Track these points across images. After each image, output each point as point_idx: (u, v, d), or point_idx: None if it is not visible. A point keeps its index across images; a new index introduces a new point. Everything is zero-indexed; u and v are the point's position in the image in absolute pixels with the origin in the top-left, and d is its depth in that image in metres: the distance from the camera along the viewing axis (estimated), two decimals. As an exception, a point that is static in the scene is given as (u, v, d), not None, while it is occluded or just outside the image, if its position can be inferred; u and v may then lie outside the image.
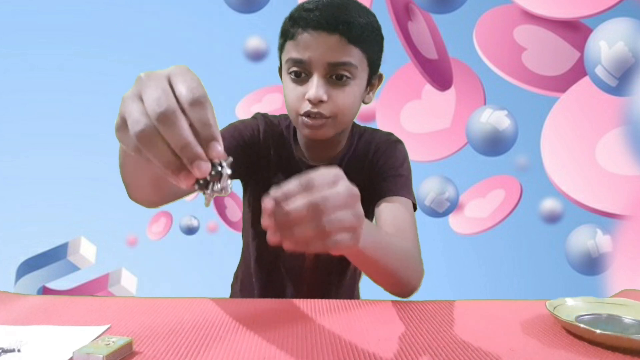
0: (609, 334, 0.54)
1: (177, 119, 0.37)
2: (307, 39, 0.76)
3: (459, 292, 4.12)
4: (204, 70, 2.54)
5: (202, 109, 0.38)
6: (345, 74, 0.77)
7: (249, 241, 0.99)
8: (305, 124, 0.79)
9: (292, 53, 0.78)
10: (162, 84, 0.38)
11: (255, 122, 0.91)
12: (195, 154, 0.38)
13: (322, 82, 0.77)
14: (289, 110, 0.83)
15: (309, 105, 0.78)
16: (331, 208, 0.44)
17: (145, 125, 0.37)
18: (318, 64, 0.76)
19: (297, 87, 0.79)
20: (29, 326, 0.60)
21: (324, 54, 0.76)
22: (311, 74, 0.78)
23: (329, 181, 0.46)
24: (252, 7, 2.44)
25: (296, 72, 0.79)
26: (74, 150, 4.76)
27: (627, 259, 1.82)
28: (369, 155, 0.92)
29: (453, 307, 0.71)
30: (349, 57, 0.77)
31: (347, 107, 0.80)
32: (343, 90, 0.78)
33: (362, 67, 0.80)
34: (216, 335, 0.58)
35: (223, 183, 0.41)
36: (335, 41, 0.75)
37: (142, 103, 0.38)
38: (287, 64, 0.80)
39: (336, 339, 0.57)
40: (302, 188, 0.44)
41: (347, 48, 0.76)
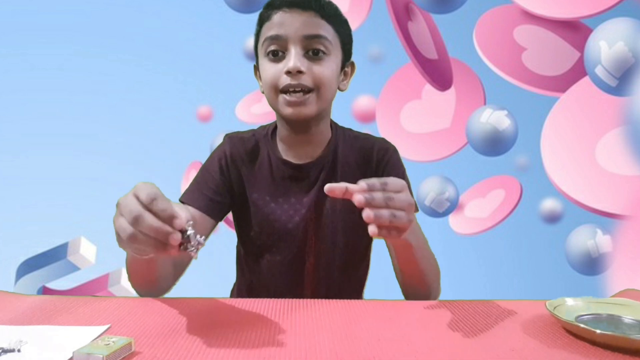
0: (609, 334, 0.54)
1: (145, 217, 0.53)
2: (282, 17, 0.80)
3: (459, 292, 4.11)
4: (204, 70, 2.52)
5: (157, 203, 0.53)
6: (321, 48, 0.81)
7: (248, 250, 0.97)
8: (287, 102, 0.80)
9: (268, 32, 0.81)
10: (130, 200, 0.54)
11: (222, 149, 0.92)
12: (166, 232, 0.53)
13: (299, 54, 0.80)
14: (268, 91, 0.83)
15: (288, 79, 0.79)
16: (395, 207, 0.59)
17: (130, 231, 0.53)
18: (294, 38, 0.79)
19: (274, 65, 0.81)
20: (29, 326, 0.60)
21: (300, 28, 0.79)
22: (288, 49, 0.80)
23: (398, 187, 0.61)
24: (252, 7, 2.44)
25: (274, 51, 0.81)
26: (74, 150, 4.76)
27: (627, 259, 1.82)
28: (372, 163, 0.91)
29: (453, 307, 0.71)
30: (323, 31, 0.81)
31: (326, 78, 0.81)
32: (320, 63, 0.81)
33: (336, 44, 0.83)
34: (216, 335, 0.58)
35: (193, 241, 0.55)
36: (309, 16, 0.80)
37: (123, 218, 0.54)
38: (265, 44, 0.82)
39: (336, 339, 0.57)
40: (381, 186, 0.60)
41: (320, 23, 0.81)
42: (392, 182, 0.61)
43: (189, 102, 4.57)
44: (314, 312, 0.67)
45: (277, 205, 0.88)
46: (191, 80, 5.08)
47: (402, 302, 0.74)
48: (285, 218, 0.89)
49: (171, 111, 5.19)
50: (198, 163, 4.05)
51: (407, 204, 0.61)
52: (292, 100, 0.80)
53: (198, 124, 4.28)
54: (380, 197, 0.59)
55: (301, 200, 0.88)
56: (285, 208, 0.89)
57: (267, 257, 0.91)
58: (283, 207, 0.89)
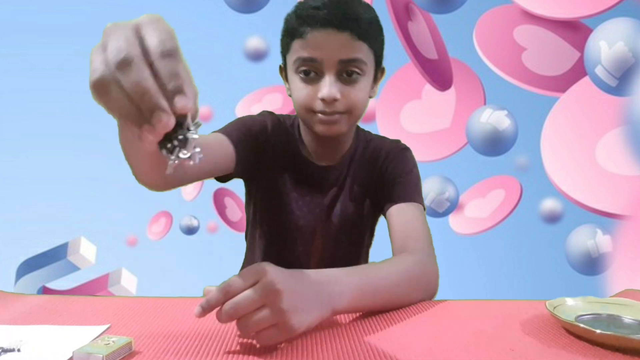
0: (609, 334, 0.54)
1: (136, 67, 0.34)
2: (317, 38, 0.76)
3: (459, 292, 4.12)
4: (204, 70, 2.54)
5: (171, 61, 0.35)
6: (356, 71, 0.78)
7: (254, 241, 0.98)
8: (320, 121, 0.80)
9: (302, 52, 0.78)
10: (126, 33, 0.36)
11: (263, 118, 0.89)
12: (155, 104, 0.34)
13: (334, 80, 0.77)
14: (300, 109, 0.82)
15: (322, 105, 0.78)
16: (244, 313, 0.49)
17: (101, 73, 0.35)
18: (330, 63, 0.76)
19: (307, 86, 0.79)
20: (29, 326, 0.60)
21: (335, 52, 0.76)
22: (322, 72, 0.78)
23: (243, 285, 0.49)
24: (252, 7, 2.44)
25: (306, 71, 0.78)
26: (74, 150, 4.76)
27: (627, 259, 1.82)
28: (379, 162, 0.93)
29: (453, 307, 0.71)
30: (359, 54, 0.77)
31: (359, 102, 0.80)
32: (354, 87, 0.79)
33: (370, 62, 0.81)
34: (216, 335, 0.58)
35: (189, 148, 0.37)
36: (345, 38, 0.76)
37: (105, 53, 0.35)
38: (296, 63, 0.79)
39: (336, 339, 0.57)
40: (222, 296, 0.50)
41: (356, 44, 0.77)
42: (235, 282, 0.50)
43: (189, 102, 4.56)
44: (314, 312, 0.67)
45: (293, 201, 0.90)
46: (191, 80, 5.08)
47: (402, 302, 0.74)
48: (299, 214, 0.90)
49: (171, 111, 5.18)
50: (198, 163, 4.04)
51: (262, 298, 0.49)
52: (325, 119, 0.79)
53: (198, 124, 4.27)
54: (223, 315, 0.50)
55: (316, 201, 0.90)
56: (300, 205, 0.90)
57: (275, 248, 0.93)
58: (298, 203, 0.90)
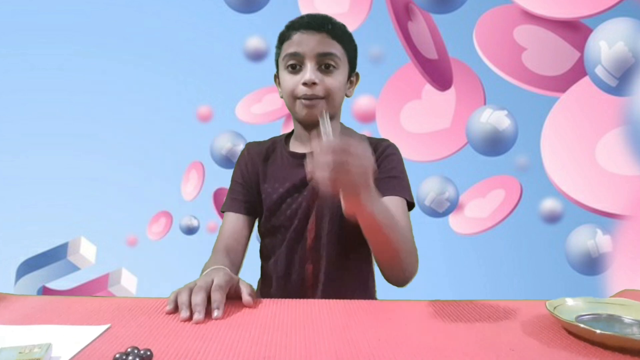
0: (609, 334, 0.54)
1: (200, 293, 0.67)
2: (300, 37, 0.97)
3: (459, 292, 4.12)
4: (204, 70, 2.51)
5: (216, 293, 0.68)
6: (332, 63, 0.96)
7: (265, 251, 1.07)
8: (303, 104, 0.96)
9: (289, 49, 0.97)
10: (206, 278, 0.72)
11: (242, 154, 1.09)
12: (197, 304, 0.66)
13: (314, 69, 0.95)
14: (287, 97, 0.98)
15: (304, 89, 0.94)
16: None
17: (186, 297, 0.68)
18: (310, 55, 0.95)
19: (293, 77, 0.97)
20: (29, 326, 0.60)
21: (315, 47, 0.95)
22: (304, 64, 0.96)
23: None
24: (252, 7, 2.44)
25: (292, 64, 0.97)
26: (74, 150, 4.76)
27: (627, 259, 1.82)
28: None
29: (453, 307, 0.71)
30: (334, 49, 0.97)
31: (335, 88, 0.97)
32: (330, 75, 0.96)
33: (344, 60, 0.99)
34: (216, 335, 0.58)
35: None
36: (322, 37, 0.96)
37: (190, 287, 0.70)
38: (285, 59, 0.97)
39: (336, 339, 0.57)
40: None
41: (332, 42, 0.97)
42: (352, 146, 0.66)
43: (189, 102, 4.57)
44: (314, 312, 0.67)
45: (284, 190, 1.02)
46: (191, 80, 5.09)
47: (402, 302, 0.74)
48: (291, 200, 1.01)
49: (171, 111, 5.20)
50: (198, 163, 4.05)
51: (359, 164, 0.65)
52: (306, 103, 0.95)
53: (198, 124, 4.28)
54: None
55: (305, 184, 1.00)
56: (291, 191, 1.01)
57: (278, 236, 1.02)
58: (289, 190, 1.01)
